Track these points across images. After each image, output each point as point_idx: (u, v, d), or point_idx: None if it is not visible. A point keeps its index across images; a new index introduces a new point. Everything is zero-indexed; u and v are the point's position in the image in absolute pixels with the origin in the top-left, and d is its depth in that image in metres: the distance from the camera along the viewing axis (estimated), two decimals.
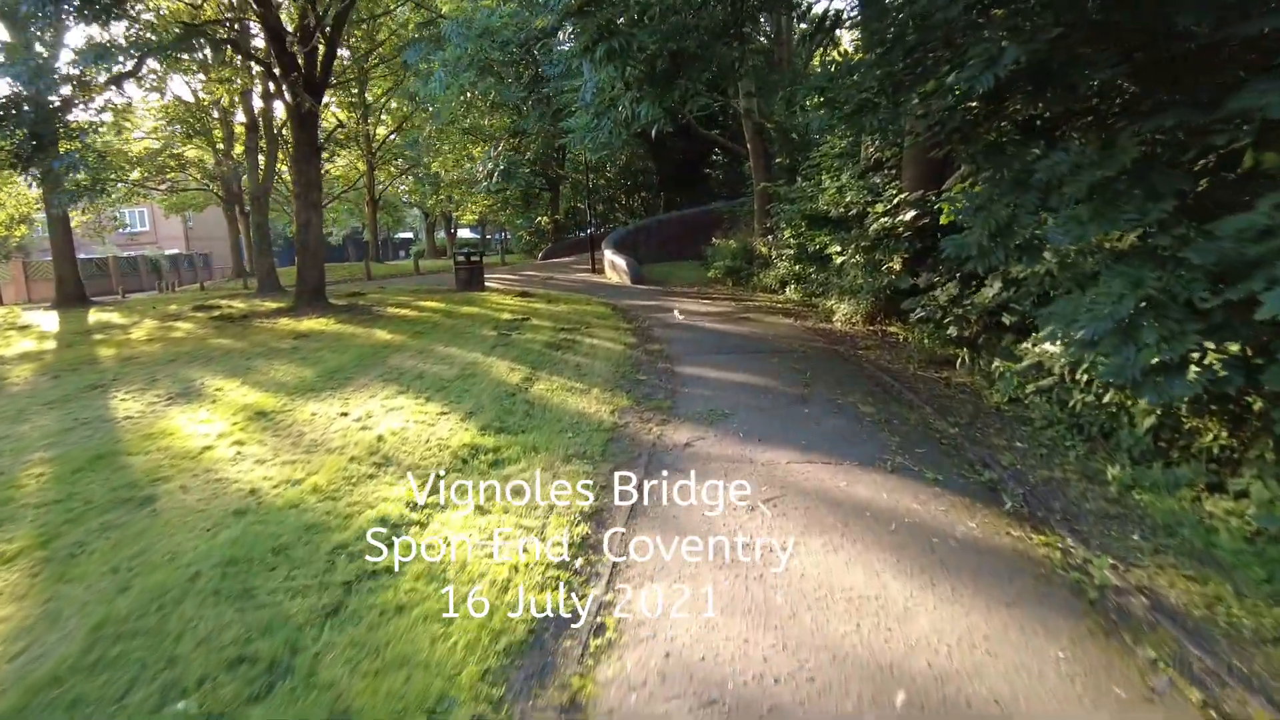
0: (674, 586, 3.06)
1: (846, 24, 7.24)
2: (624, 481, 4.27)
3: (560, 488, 4.14)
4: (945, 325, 7.19)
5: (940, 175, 8.66)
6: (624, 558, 3.33)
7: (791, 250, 12.64)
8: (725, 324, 10.33)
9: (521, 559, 3.26)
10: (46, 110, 8.85)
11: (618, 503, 3.98)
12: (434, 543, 3.44)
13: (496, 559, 3.27)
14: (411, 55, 8.38)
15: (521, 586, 3.03)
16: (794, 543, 3.43)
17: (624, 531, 3.60)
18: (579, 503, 3.94)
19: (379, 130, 30.30)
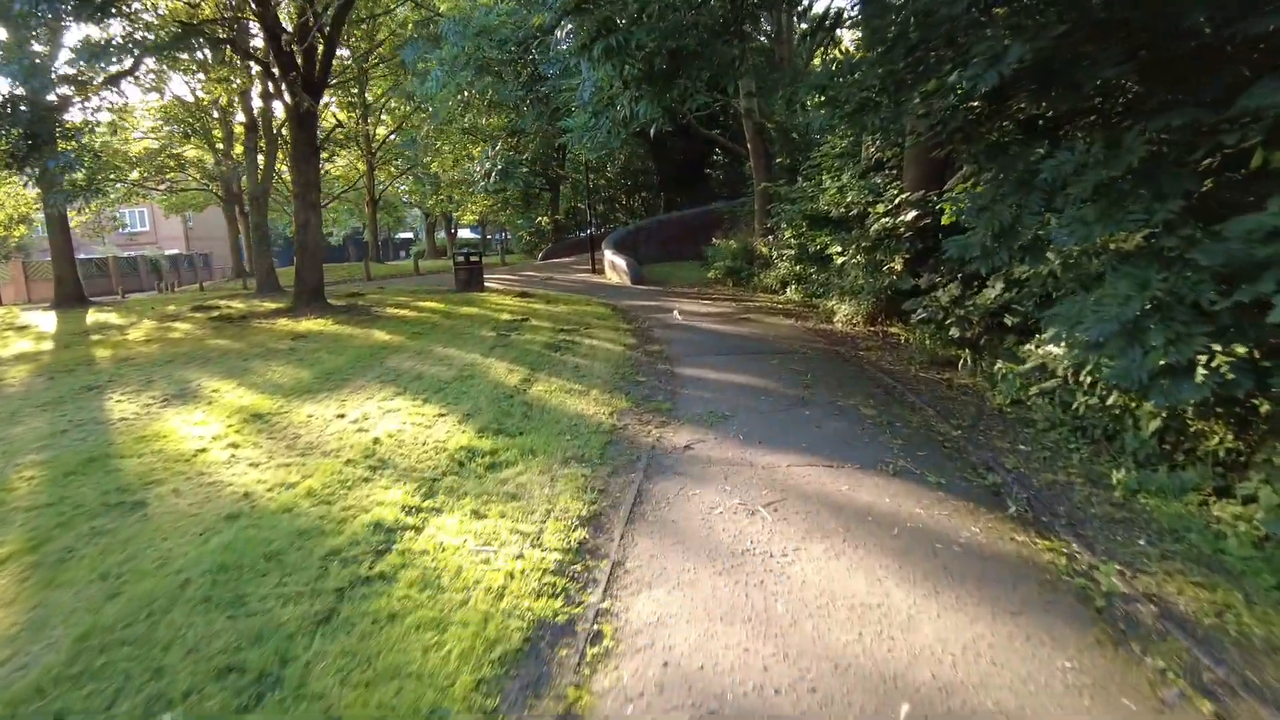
0: (673, 593, 3.01)
1: (847, 23, 7.19)
2: (623, 486, 4.22)
3: (558, 491, 4.09)
4: (947, 326, 7.14)
5: (941, 175, 8.62)
6: (622, 563, 3.28)
7: (792, 250, 12.59)
8: (725, 325, 10.28)
9: (518, 565, 3.20)
10: (42, 109, 8.80)
11: (616, 507, 3.92)
12: (429, 548, 3.39)
13: (492, 565, 3.21)
14: (409, 54, 8.34)
15: (517, 593, 2.98)
16: (795, 548, 3.38)
17: (622, 536, 3.55)
18: (576, 507, 3.88)
19: (379, 130, 30.28)
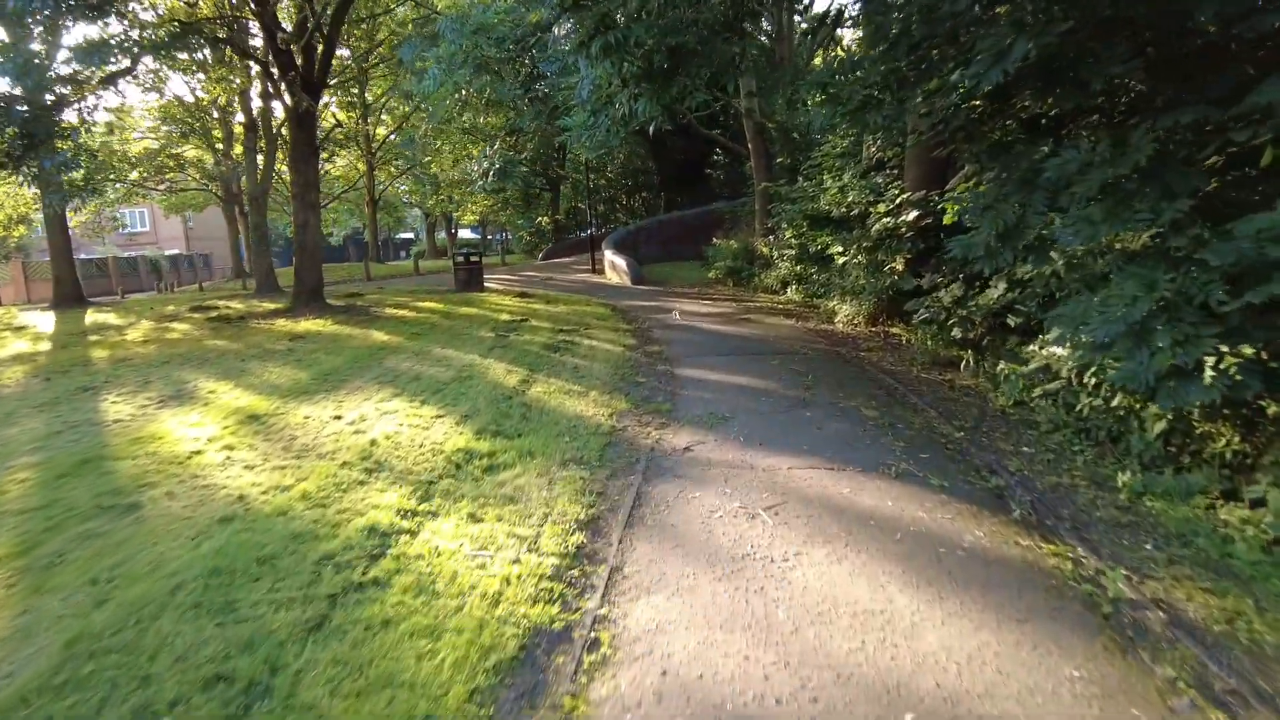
0: (671, 599, 2.95)
1: (848, 22, 7.13)
2: (621, 488, 4.17)
3: (556, 494, 4.03)
4: (949, 327, 7.08)
5: (943, 175, 8.56)
6: (620, 569, 3.22)
7: (793, 251, 12.53)
8: (726, 325, 10.22)
9: (514, 570, 3.15)
10: (38, 108, 8.75)
11: (614, 510, 3.87)
12: (424, 552, 3.34)
13: (488, 570, 3.16)
14: (406, 52, 8.28)
15: (513, 599, 2.92)
16: (796, 553, 3.32)
17: (621, 541, 3.49)
18: (575, 510, 3.83)
19: (379, 131, 30.23)
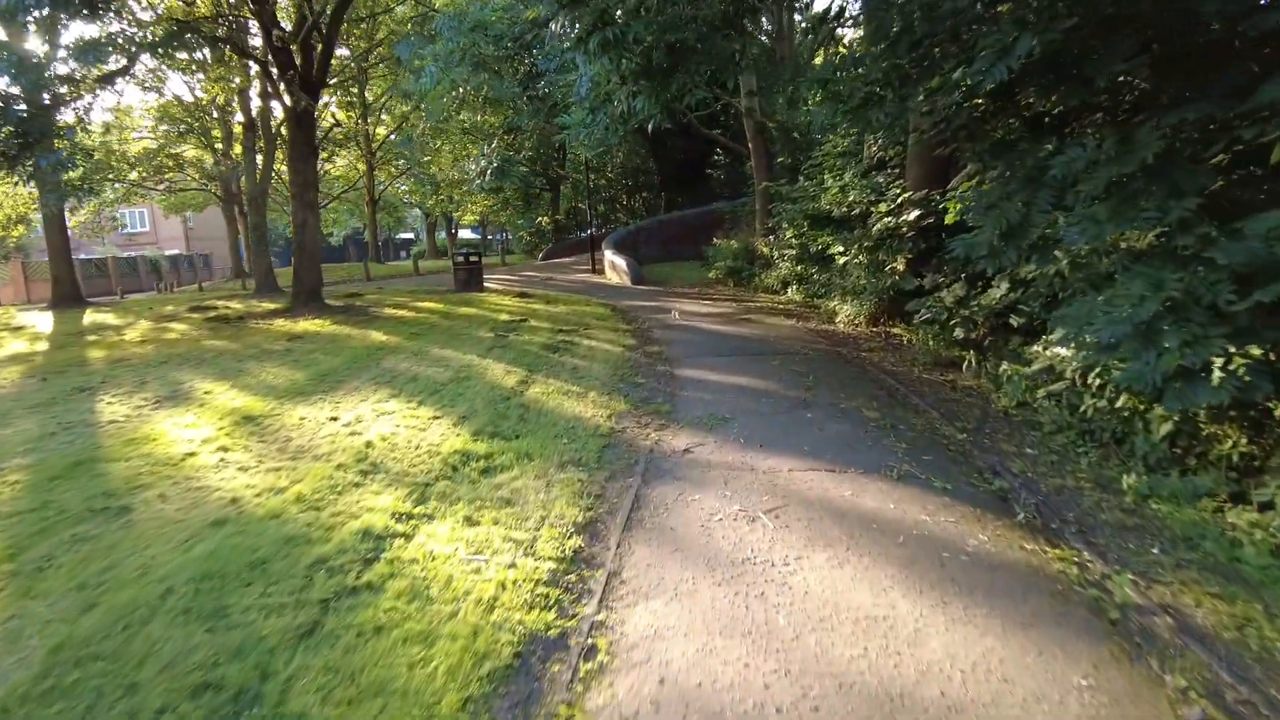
0: (670, 605, 2.90)
1: (848, 21, 7.07)
2: (620, 491, 4.12)
3: (553, 497, 3.98)
4: (951, 327, 7.02)
5: (944, 174, 8.51)
6: (618, 573, 3.17)
7: (793, 250, 12.47)
8: (726, 325, 10.16)
9: (510, 575, 3.09)
10: (35, 107, 8.70)
11: (613, 513, 3.82)
12: (418, 556, 3.28)
13: (483, 575, 3.11)
14: (403, 50, 8.24)
15: (508, 605, 2.87)
16: (797, 557, 3.27)
17: (619, 545, 3.44)
18: (572, 513, 3.78)
19: (379, 130, 30.18)
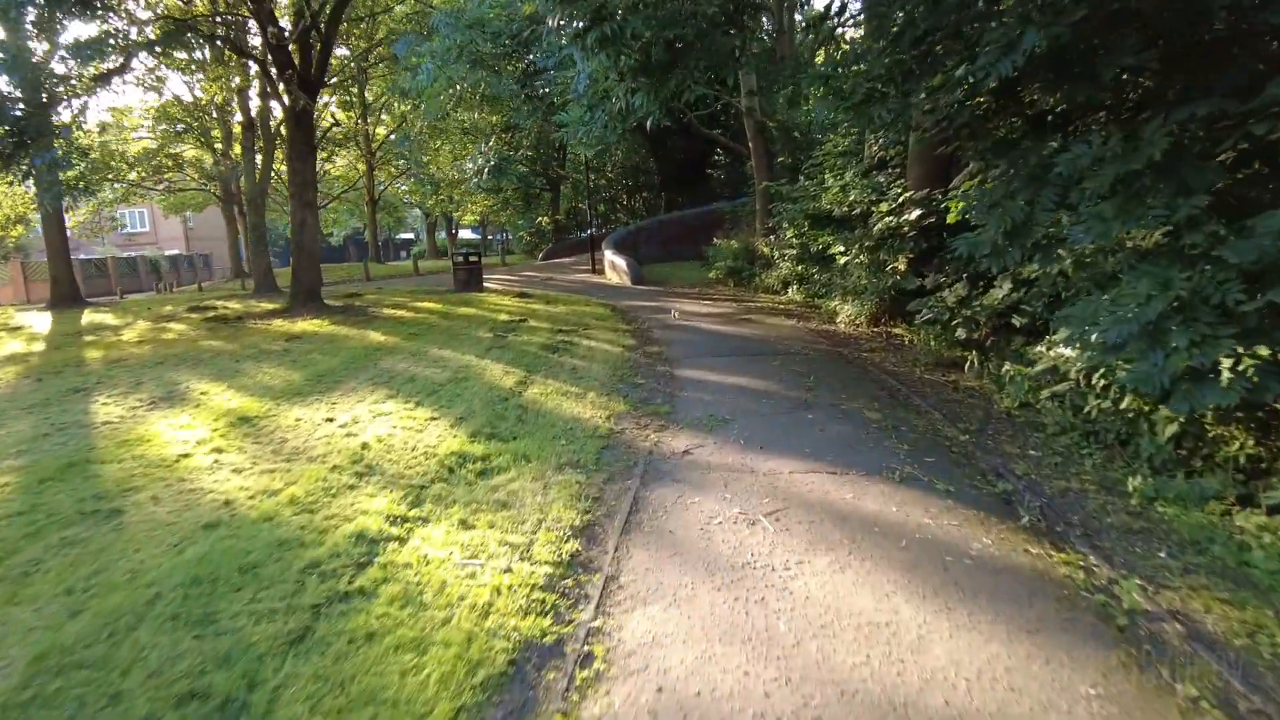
0: (669, 610, 2.84)
1: (849, 21, 7.02)
2: (618, 493, 4.06)
3: (550, 500, 3.92)
4: (953, 327, 6.97)
5: (946, 174, 8.45)
6: (616, 578, 3.11)
7: (794, 250, 12.41)
8: (726, 325, 10.11)
9: (505, 580, 3.04)
10: (30, 106, 8.65)
11: (611, 516, 3.76)
12: (412, 561, 3.22)
13: (478, 580, 3.05)
14: (400, 48, 8.18)
15: (503, 611, 2.81)
16: (798, 561, 3.21)
17: (617, 548, 3.38)
18: (570, 516, 3.72)
19: (379, 130, 30.13)
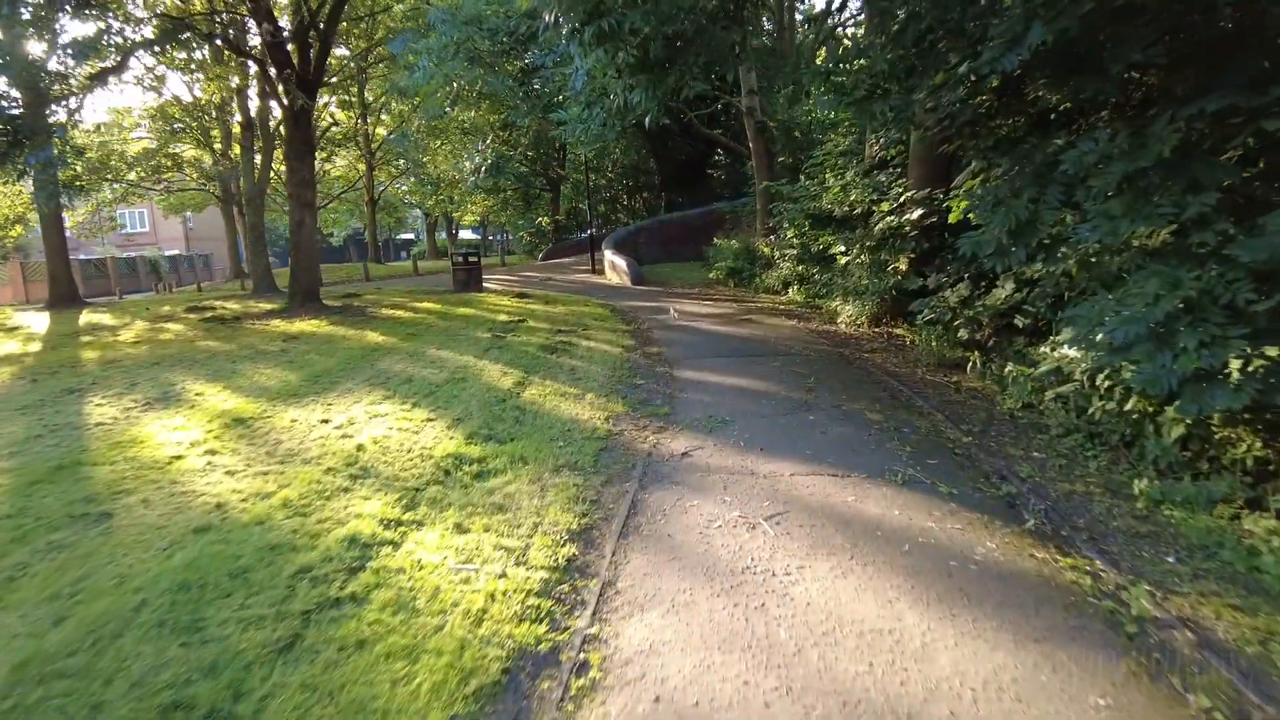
0: (667, 617, 2.78)
1: (849, 21, 6.96)
2: (616, 496, 4.00)
3: (547, 502, 3.86)
4: (955, 328, 6.90)
5: (947, 173, 8.39)
6: (613, 583, 3.05)
7: (794, 250, 12.35)
8: (726, 326, 10.04)
9: (499, 585, 2.97)
10: (25, 105, 8.60)
11: (609, 520, 3.69)
12: (405, 565, 3.16)
13: (472, 585, 2.98)
14: (397, 45, 8.11)
15: (498, 617, 2.75)
16: (799, 566, 3.15)
17: (614, 553, 3.32)
18: (567, 520, 3.66)
19: (379, 131, 30.06)
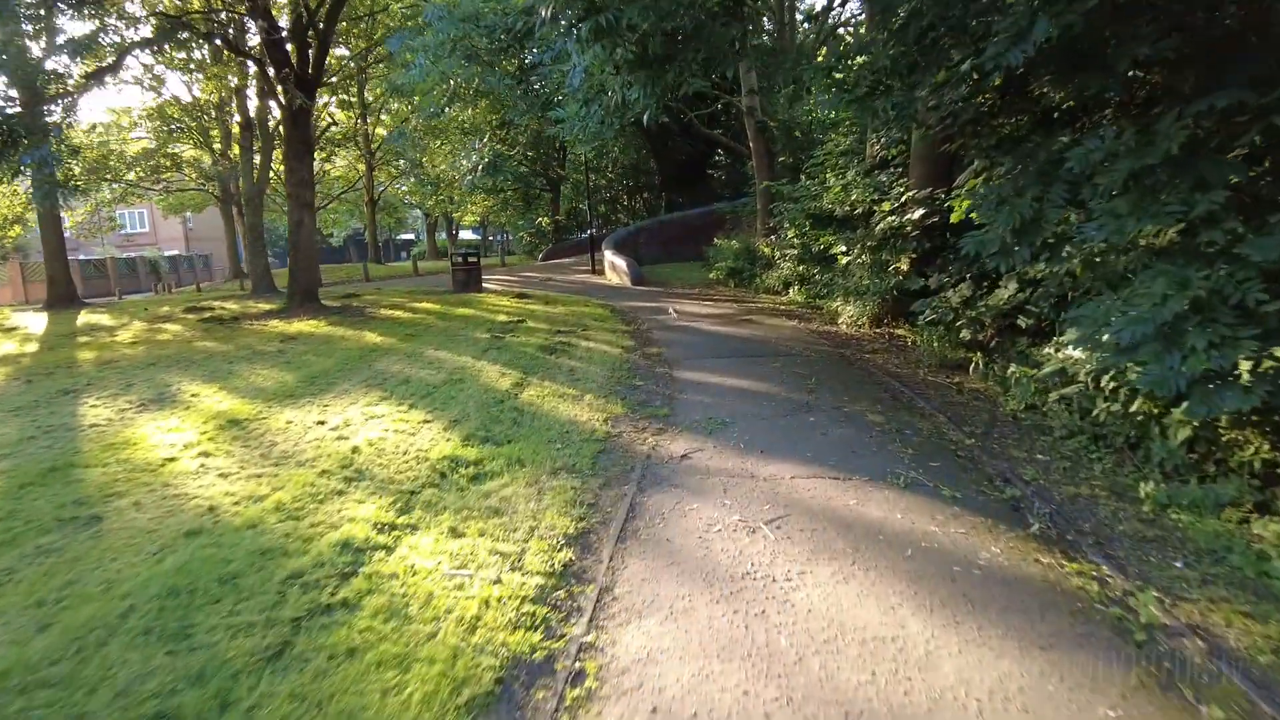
0: (665, 624, 2.72)
1: (849, 20, 6.90)
2: (614, 499, 3.94)
3: (544, 506, 3.80)
4: (957, 328, 6.85)
5: (949, 173, 8.33)
6: (610, 589, 2.99)
7: (795, 251, 12.29)
8: (726, 326, 9.99)
9: (494, 591, 2.91)
10: (19, 103, 8.56)
11: (606, 524, 3.64)
12: (399, 571, 3.10)
13: (466, 591, 2.93)
14: (394, 43, 8.05)
15: (492, 625, 2.69)
16: (800, 571, 3.09)
17: (611, 558, 3.26)
18: (564, 523, 3.60)
19: (378, 131, 30.00)
